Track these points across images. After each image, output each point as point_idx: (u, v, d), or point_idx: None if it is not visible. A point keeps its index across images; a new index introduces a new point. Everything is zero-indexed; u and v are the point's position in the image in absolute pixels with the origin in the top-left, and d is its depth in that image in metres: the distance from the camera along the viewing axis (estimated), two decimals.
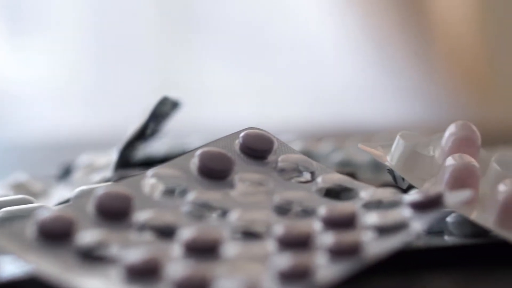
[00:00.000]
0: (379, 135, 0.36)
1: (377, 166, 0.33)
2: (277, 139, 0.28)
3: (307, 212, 0.26)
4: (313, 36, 0.95)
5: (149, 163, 0.31)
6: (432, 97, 0.95)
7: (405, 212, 0.25)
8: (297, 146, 0.34)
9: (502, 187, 0.26)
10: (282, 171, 0.27)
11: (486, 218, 0.26)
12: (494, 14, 1.05)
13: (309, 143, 0.35)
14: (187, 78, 0.92)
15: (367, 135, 0.35)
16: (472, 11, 1.02)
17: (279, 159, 0.27)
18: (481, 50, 1.02)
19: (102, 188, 0.24)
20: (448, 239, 0.27)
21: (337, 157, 0.34)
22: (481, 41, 1.02)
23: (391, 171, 0.29)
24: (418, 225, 0.25)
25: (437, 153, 0.29)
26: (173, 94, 0.31)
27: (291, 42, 0.96)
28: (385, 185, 0.32)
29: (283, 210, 0.26)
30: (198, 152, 0.26)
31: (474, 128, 0.29)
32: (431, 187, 0.27)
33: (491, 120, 0.94)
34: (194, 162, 0.26)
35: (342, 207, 0.26)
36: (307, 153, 0.34)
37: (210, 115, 0.83)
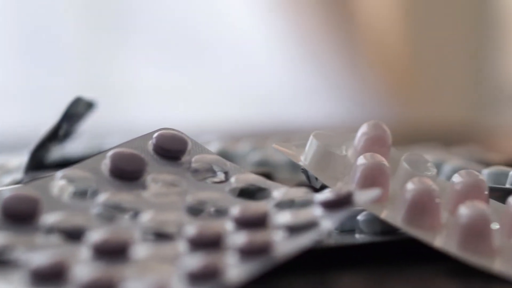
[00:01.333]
0: (299, 135, 0.36)
1: (294, 166, 0.33)
2: (191, 139, 0.28)
3: (220, 212, 0.26)
4: (242, 37, 0.95)
5: (65, 164, 0.30)
6: (358, 97, 0.96)
7: (316, 211, 0.25)
8: (215, 146, 0.33)
9: (410, 186, 0.26)
10: (195, 171, 0.27)
11: (395, 216, 0.26)
12: (418, 15, 1.07)
13: (228, 143, 0.34)
14: (113, 78, 0.91)
15: (288, 134, 0.35)
16: (396, 12, 1.03)
17: (193, 159, 0.27)
18: (405, 51, 1.03)
19: (8, 191, 0.23)
20: (358, 237, 0.27)
21: (255, 157, 0.33)
22: (405, 42, 1.04)
23: (304, 171, 0.29)
24: (328, 223, 0.25)
25: (350, 153, 0.29)
26: (89, 94, 0.31)
27: (220, 42, 0.95)
28: (301, 184, 0.32)
29: (195, 210, 0.26)
30: (110, 153, 0.26)
31: (386, 128, 0.29)
32: (342, 186, 0.27)
33: (415, 119, 0.95)
34: (105, 163, 0.26)
35: (254, 207, 0.25)
36: (225, 153, 0.33)
37: (137, 115, 0.83)
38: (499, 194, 0.28)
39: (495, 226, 0.25)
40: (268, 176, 0.30)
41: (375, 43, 0.99)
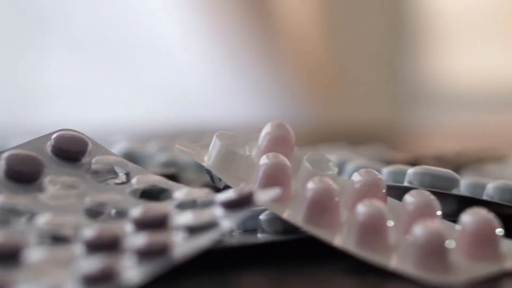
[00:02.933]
0: (209, 135, 0.36)
1: (201, 166, 0.33)
2: (92, 140, 0.27)
3: (121, 214, 0.25)
4: (164, 36, 0.94)
5: None
6: (276, 97, 0.96)
7: (217, 211, 0.25)
8: (122, 147, 0.33)
9: (310, 185, 0.26)
10: (96, 173, 0.26)
11: (296, 215, 0.26)
12: (336, 16, 1.08)
13: (135, 144, 0.34)
14: (29, 78, 0.88)
15: (204, 134, 0.34)
16: (315, 13, 1.04)
17: (93, 160, 0.26)
18: (324, 52, 1.04)
19: None
20: (260, 237, 0.27)
21: (162, 157, 0.33)
22: (324, 43, 1.05)
23: (208, 171, 0.28)
24: (228, 223, 0.24)
25: (253, 153, 0.29)
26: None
27: (137, 42, 0.94)
28: (206, 185, 0.31)
29: (94, 212, 0.25)
30: (5, 155, 0.25)
31: (289, 127, 0.29)
32: (243, 186, 0.27)
33: (333, 119, 0.96)
34: (0, 166, 0.25)
35: (154, 208, 0.25)
36: (132, 154, 0.33)
37: (49, 116, 0.81)
38: (397, 192, 0.28)
39: (391, 223, 0.25)
40: (174, 176, 0.30)
41: (294, 43, 1.00)
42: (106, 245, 0.23)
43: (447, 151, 0.39)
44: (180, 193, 0.26)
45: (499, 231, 0.24)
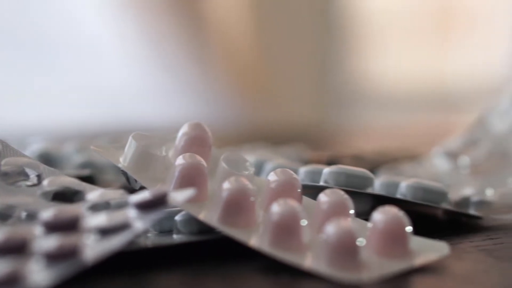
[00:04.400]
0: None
1: (118, 167, 0.32)
2: (2, 142, 0.26)
3: (31, 217, 0.24)
4: (92, 36, 0.93)
5: None
6: (209, 97, 0.96)
7: (131, 213, 0.24)
8: (38, 147, 0.32)
9: (225, 185, 0.26)
10: (5, 175, 0.25)
11: (212, 215, 0.26)
12: (267, 18, 1.08)
13: (52, 144, 0.33)
14: None
15: (120, 135, 0.33)
16: (246, 14, 1.04)
17: (3, 162, 0.25)
18: (255, 54, 1.04)
19: None
20: (176, 238, 0.26)
21: (80, 158, 0.32)
22: (255, 44, 1.05)
23: (124, 172, 0.28)
24: (141, 224, 0.24)
25: (171, 153, 0.29)
26: None
27: (70, 42, 0.92)
28: (123, 186, 0.31)
29: (4, 215, 0.24)
30: None
31: (206, 128, 0.29)
32: (158, 187, 0.26)
33: (264, 119, 0.96)
34: None
35: (65, 210, 0.24)
36: (48, 155, 0.32)
37: None
38: (313, 191, 0.28)
39: (305, 222, 0.25)
40: (90, 178, 0.29)
41: (224, 44, 1.00)
42: (14, 249, 0.22)
43: (366, 151, 0.39)
44: (93, 194, 0.25)
45: (409, 228, 0.25)
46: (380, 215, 0.25)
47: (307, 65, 1.12)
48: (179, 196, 0.25)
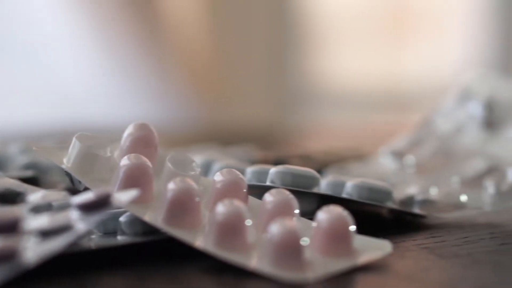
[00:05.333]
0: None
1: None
2: None
3: None
4: (43, 35, 0.91)
5: None
6: (164, 97, 0.95)
7: (73, 214, 0.24)
8: None
9: (170, 185, 0.26)
10: None
11: (157, 216, 0.26)
12: (224, 17, 1.08)
13: None
14: None
15: (67, 135, 0.33)
16: (202, 14, 1.04)
17: None
18: (211, 52, 1.04)
19: None
20: (120, 239, 0.26)
21: (24, 159, 0.31)
22: (211, 43, 1.04)
23: (68, 174, 0.27)
24: (83, 226, 0.23)
25: (116, 154, 0.28)
26: None
27: (22, 42, 0.91)
28: (68, 188, 0.30)
29: None
30: None
31: (152, 128, 0.28)
32: (101, 188, 0.26)
33: (222, 120, 0.96)
34: None
35: (4, 212, 0.23)
36: None
37: None
38: (260, 191, 0.28)
39: (249, 222, 0.25)
40: (34, 179, 0.29)
41: (180, 44, 0.99)
42: None
43: (314, 150, 0.39)
44: (35, 196, 0.25)
45: (352, 227, 0.25)
46: (324, 214, 0.25)
47: (261, 65, 1.12)
48: (123, 197, 0.24)
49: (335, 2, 1.25)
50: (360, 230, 0.25)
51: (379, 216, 0.31)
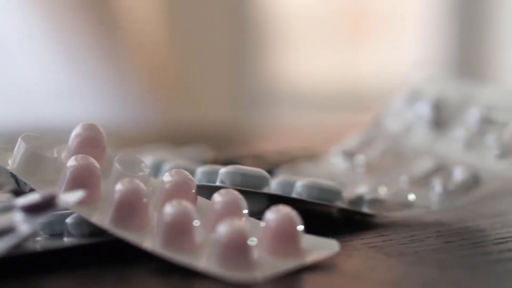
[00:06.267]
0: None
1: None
2: None
3: None
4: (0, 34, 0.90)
5: None
6: (121, 97, 0.94)
7: (17, 216, 0.24)
8: None
9: (118, 186, 0.25)
10: None
11: (104, 217, 0.25)
12: (182, 16, 1.07)
13: None
14: None
15: (14, 136, 0.32)
16: (159, 13, 1.03)
17: None
18: (168, 53, 1.04)
19: None
20: (66, 240, 0.26)
21: None
22: (168, 44, 1.04)
23: (13, 175, 0.27)
24: (27, 227, 0.23)
25: (63, 155, 0.28)
26: None
27: None
28: (13, 189, 0.30)
29: None
30: None
31: (100, 128, 0.28)
32: (46, 189, 0.25)
33: (179, 120, 0.96)
34: None
35: None
36: None
37: None
38: (210, 191, 0.28)
39: (198, 223, 0.25)
40: None
41: (138, 43, 0.98)
42: None
43: (267, 150, 0.39)
44: None
45: (300, 227, 0.25)
46: (272, 214, 0.25)
47: (219, 65, 1.12)
48: (69, 198, 0.24)
49: (294, 3, 1.26)
50: (310, 230, 0.25)
51: (329, 216, 0.31)
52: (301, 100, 1.21)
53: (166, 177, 0.27)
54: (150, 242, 0.25)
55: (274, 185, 0.30)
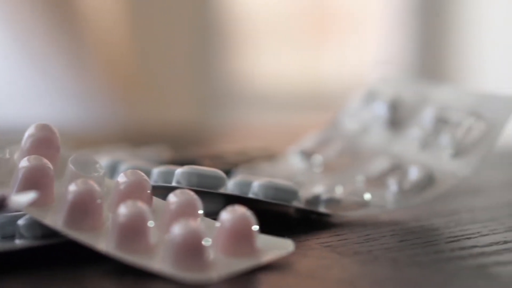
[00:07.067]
0: None
1: None
2: None
3: None
4: None
5: None
6: (83, 97, 0.93)
7: None
8: None
9: (71, 187, 0.25)
10: None
11: (57, 218, 0.25)
12: (145, 16, 1.06)
13: None
14: None
15: None
16: (122, 13, 1.02)
17: None
18: (131, 52, 1.03)
19: None
20: (18, 242, 0.25)
21: None
22: (132, 43, 1.03)
23: None
24: None
25: (16, 155, 0.28)
26: None
27: None
28: None
29: None
30: None
31: (54, 129, 0.28)
32: None
33: (140, 120, 0.95)
34: None
35: None
36: None
37: None
38: (166, 192, 0.28)
39: (152, 224, 0.25)
40: None
41: (100, 43, 0.97)
42: None
43: (226, 150, 0.39)
44: None
45: (255, 227, 0.25)
46: (227, 214, 0.25)
47: (183, 65, 1.11)
48: (21, 199, 0.24)
49: (257, 3, 1.26)
50: (266, 230, 0.25)
51: (286, 216, 0.31)
52: (264, 100, 1.21)
53: (121, 178, 0.27)
54: (104, 244, 0.25)
55: (231, 185, 0.30)
